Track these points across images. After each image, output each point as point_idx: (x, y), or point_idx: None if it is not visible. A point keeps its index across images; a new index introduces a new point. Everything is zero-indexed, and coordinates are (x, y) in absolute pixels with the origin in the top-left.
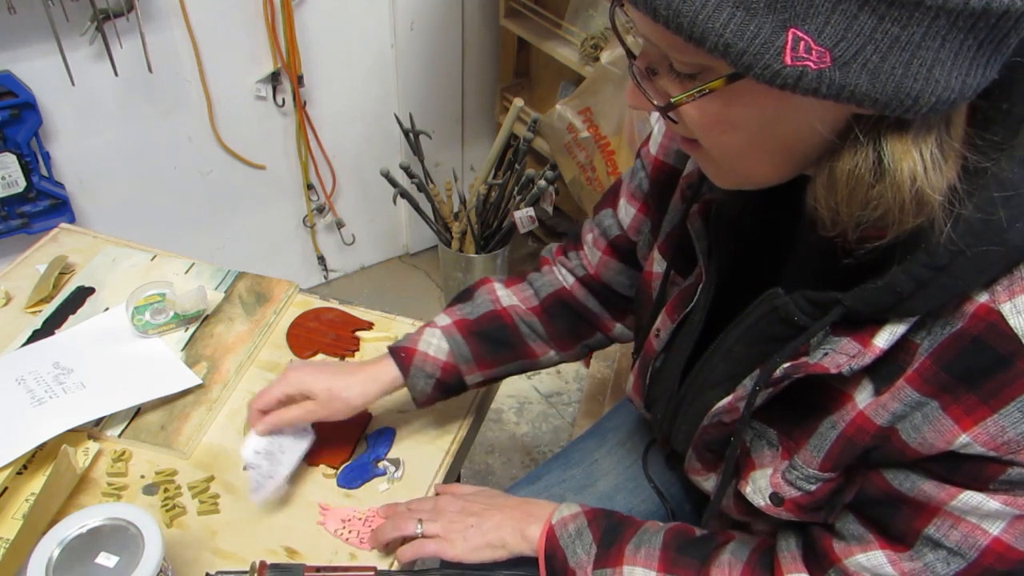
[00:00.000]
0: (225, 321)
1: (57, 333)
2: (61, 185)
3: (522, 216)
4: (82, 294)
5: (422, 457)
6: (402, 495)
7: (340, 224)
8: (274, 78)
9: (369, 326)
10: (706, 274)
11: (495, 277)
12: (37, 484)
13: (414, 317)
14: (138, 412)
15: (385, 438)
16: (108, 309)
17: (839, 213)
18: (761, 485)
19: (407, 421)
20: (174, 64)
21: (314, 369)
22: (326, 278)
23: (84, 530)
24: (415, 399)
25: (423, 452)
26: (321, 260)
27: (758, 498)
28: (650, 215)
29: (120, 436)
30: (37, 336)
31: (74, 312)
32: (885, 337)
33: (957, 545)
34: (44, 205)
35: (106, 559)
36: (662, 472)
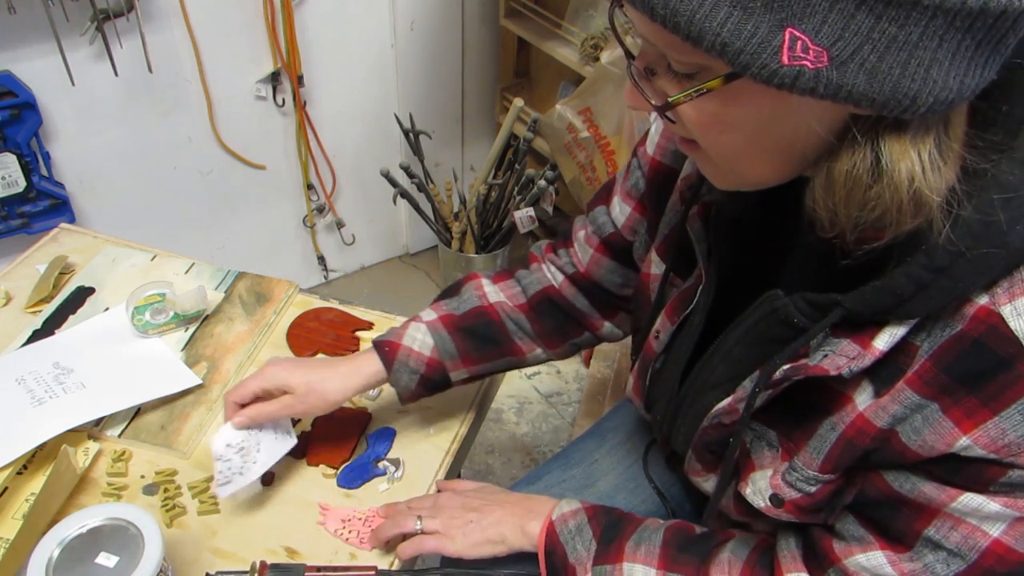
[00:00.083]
0: (225, 321)
1: (57, 333)
2: (61, 185)
3: (522, 216)
4: (82, 294)
5: (422, 457)
6: (402, 495)
7: (340, 224)
8: (274, 78)
9: (369, 326)
10: (706, 276)
11: (483, 272)
12: (37, 484)
13: None
14: (138, 412)
15: (385, 438)
16: (108, 309)
17: (837, 214)
18: (761, 486)
19: (407, 421)
20: (174, 64)
21: (293, 363)
22: (326, 278)
23: (84, 530)
24: (399, 395)
25: (423, 452)
26: (321, 260)
27: (758, 499)
28: (646, 215)
29: (120, 436)
30: (37, 336)
31: (74, 312)
32: (885, 339)
33: (957, 546)
34: (44, 205)
35: (106, 559)
36: (662, 472)
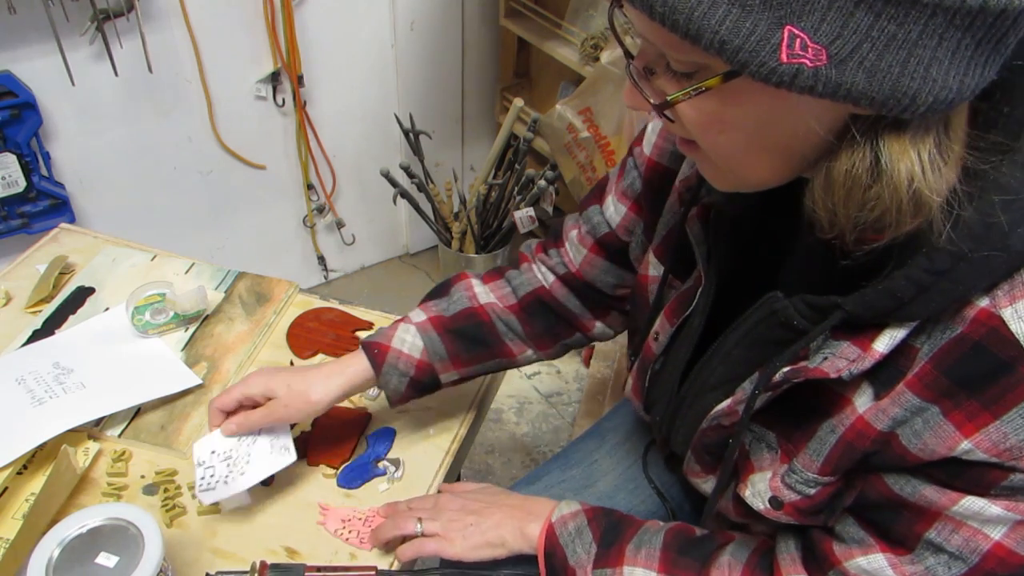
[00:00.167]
0: (225, 321)
1: (57, 333)
2: (61, 185)
3: (522, 216)
4: (82, 294)
5: (422, 457)
6: (402, 495)
7: (340, 224)
8: (274, 78)
9: (369, 326)
10: (706, 278)
11: (472, 273)
12: (37, 484)
13: None
14: (138, 412)
15: (385, 438)
16: (108, 309)
17: (836, 214)
18: (760, 488)
19: (407, 421)
20: (174, 64)
21: (276, 369)
22: (326, 278)
23: (84, 530)
24: (388, 398)
25: (423, 452)
26: (321, 260)
27: (757, 501)
28: (642, 216)
29: (120, 436)
30: (37, 336)
31: (74, 312)
32: (885, 341)
33: (958, 549)
34: (44, 205)
35: (106, 559)
36: (662, 472)
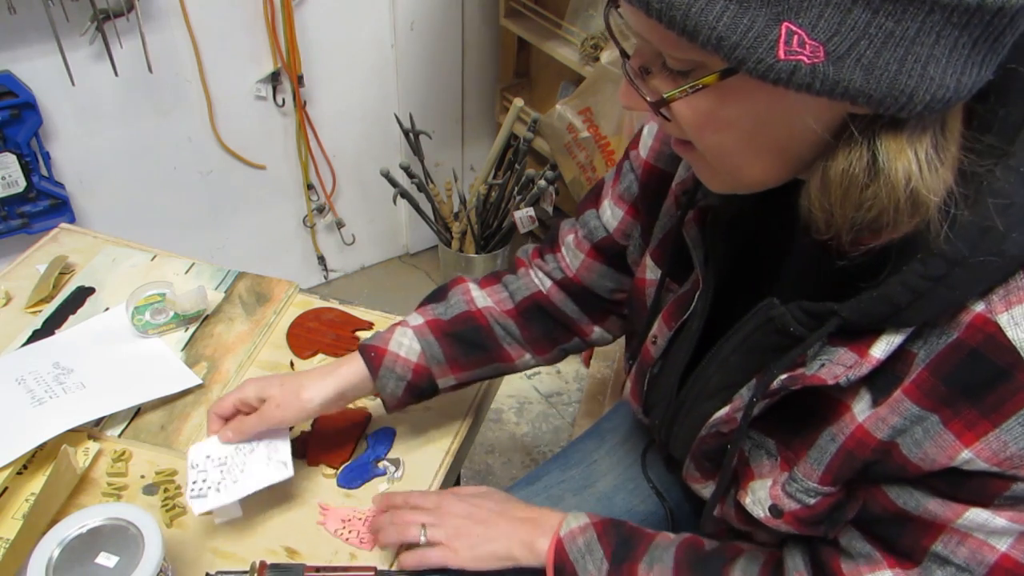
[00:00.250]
0: (225, 321)
1: (57, 333)
2: (61, 185)
3: (522, 216)
4: (82, 294)
5: (422, 457)
6: None
7: (340, 224)
8: (274, 78)
9: (369, 326)
10: (703, 281)
11: (469, 277)
12: (37, 484)
13: None
14: (138, 412)
15: (385, 438)
16: (108, 309)
17: (833, 215)
18: (760, 496)
19: (407, 421)
20: (174, 64)
21: (271, 375)
22: (326, 278)
23: (84, 530)
24: (385, 402)
25: (423, 452)
26: (321, 260)
27: (757, 509)
28: (639, 219)
29: (120, 436)
30: (37, 336)
31: (74, 312)
32: (882, 347)
33: (965, 562)
34: (44, 205)
35: (106, 559)
36: (661, 473)
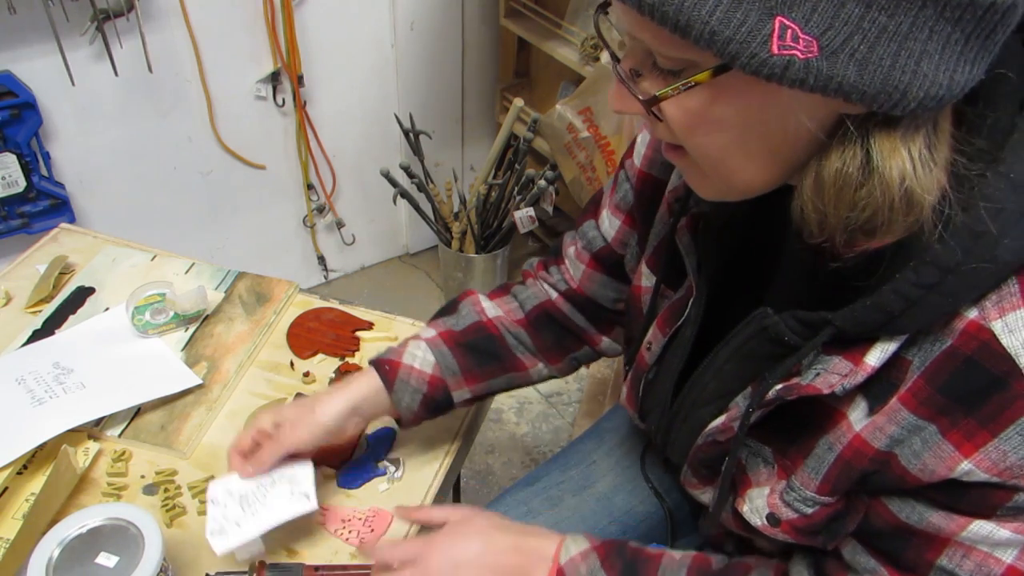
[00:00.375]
0: (225, 321)
1: (57, 333)
2: (61, 185)
3: (522, 216)
4: (82, 294)
5: (422, 457)
6: (402, 495)
7: (340, 224)
8: (274, 78)
9: (369, 326)
10: (696, 288)
11: (478, 290)
12: (37, 484)
13: (414, 317)
14: (138, 412)
15: (385, 438)
16: (108, 309)
17: (827, 215)
18: (758, 505)
19: None
20: (174, 64)
21: (283, 403)
22: (326, 278)
23: (84, 530)
24: (401, 418)
25: (423, 452)
26: (321, 260)
27: (755, 518)
28: (636, 227)
29: (120, 436)
30: (37, 336)
31: (74, 312)
32: (876, 355)
33: (971, 574)
34: (44, 205)
35: (106, 559)
36: (660, 473)
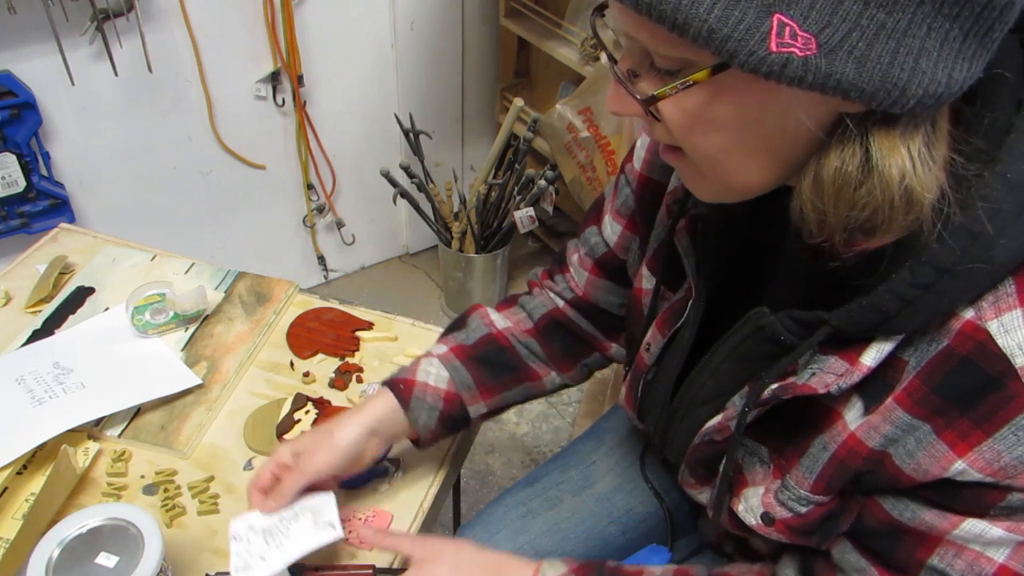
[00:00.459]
0: (225, 321)
1: (57, 333)
2: (61, 185)
3: (522, 216)
4: (82, 294)
5: (422, 457)
6: (402, 495)
7: (340, 224)
8: (274, 78)
9: (369, 326)
10: (695, 290)
11: (485, 304)
12: (37, 484)
13: (414, 317)
14: (138, 412)
15: None
16: (108, 309)
17: (826, 215)
18: (753, 504)
19: None
20: (174, 64)
21: (300, 435)
22: (326, 278)
23: (84, 530)
24: (419, 437)
25: (423, 452)
26: (321, 260)
27: (750, 517)
28: (637, 232)
29: (120, 436)
30: (37, 336)
31: (74, 312)
32: (872, 355)
33: (962, 574)
34: (44, 205)
35: (106, 559)
36: (660, 473)
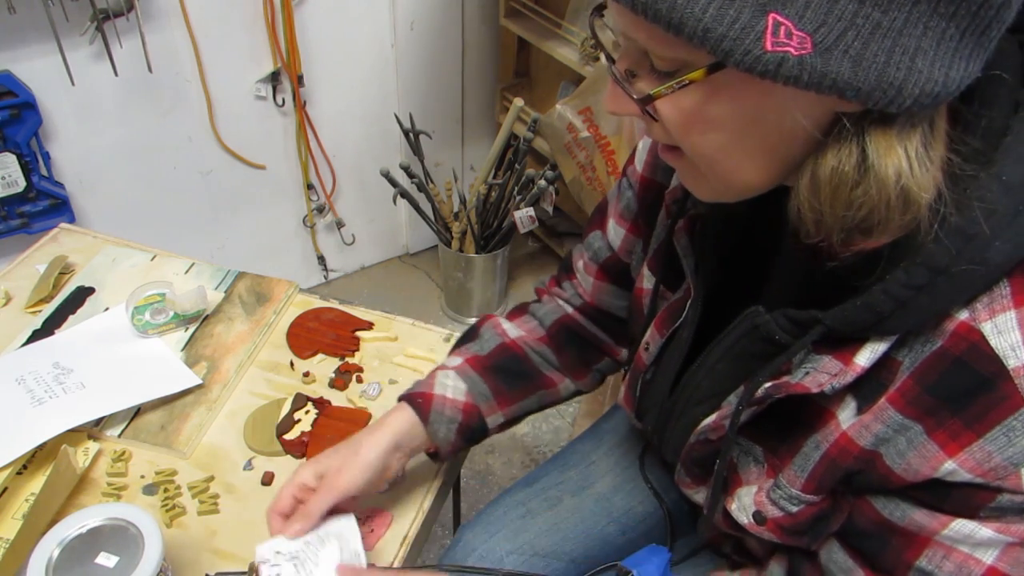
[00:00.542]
0: (225, 321)
1: (57, 333)
2: (61, 185)
3: (522, 216)
4: (82, 294)
5: (422, 457)
6: (402, 495)
7: (340, 224)
8: (274, 78)
9: (369, 326)
10: (694, 290)
11: (496, 314)
12: (37, 484)
13: (414, 317)
14: (138, 412)
15: None
16: (108, 309)
17: (823, 215)
18: (746, 503)
19: None
20: (174, 64)
21: (321, 453)
22: (326, 278)
23: (84, 530)
24: (439, 450)
25: (423, 453)
26: (321, 260)
27: (742, 516)
28: (640, 234)
29: (120, 436)
30: (37, 336)
31: (74, 312)
32: (867, 355)
33: None
34: (44, 205)
35: (106, 559)
36: (659, 473)
